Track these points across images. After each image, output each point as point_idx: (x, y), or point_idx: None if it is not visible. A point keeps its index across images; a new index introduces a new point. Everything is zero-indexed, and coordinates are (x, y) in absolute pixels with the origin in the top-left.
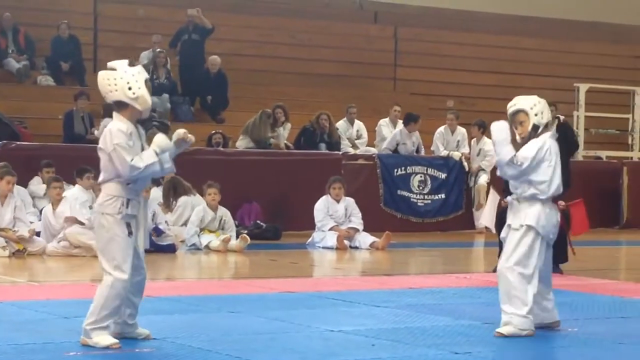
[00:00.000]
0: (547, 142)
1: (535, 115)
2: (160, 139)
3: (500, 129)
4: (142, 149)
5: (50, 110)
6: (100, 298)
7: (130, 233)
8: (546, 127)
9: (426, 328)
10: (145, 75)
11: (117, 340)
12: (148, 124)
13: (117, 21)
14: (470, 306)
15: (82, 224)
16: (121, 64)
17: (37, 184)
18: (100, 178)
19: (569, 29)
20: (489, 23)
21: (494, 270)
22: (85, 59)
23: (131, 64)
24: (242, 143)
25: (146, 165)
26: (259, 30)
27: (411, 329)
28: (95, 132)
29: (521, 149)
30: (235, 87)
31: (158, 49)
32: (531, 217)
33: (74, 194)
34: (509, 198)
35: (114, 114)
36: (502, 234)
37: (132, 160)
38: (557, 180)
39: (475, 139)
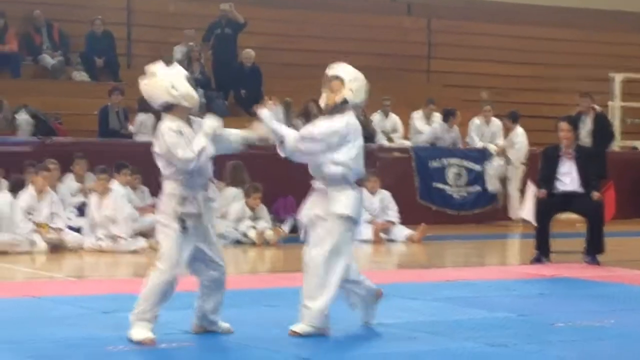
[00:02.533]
0: (351, 122)
1: (351, 90)
2: (209, 121)
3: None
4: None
5: (85, 105)
6: (145, 290)
7: (184, 229)
8: (348, 109)
9: (463, 321)
10: (184, 72)
11: (152, 336)
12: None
13: (150, 16)
14: (506, 298)
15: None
16: (159, 68)
17: (70, 181)
18: (163, 174)
19: (603, 19)
20: (522, 14)
21: (531, 262)
22: (119, 54)
23: (167, 64)
24: None
25: (198, 151)
26: (291, 24)
27: (448, 322)
28: (130, 127)
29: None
30: (268, 80)
31: (191, 44)
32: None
33: (115, 188)
34: (315, 184)
35: (164, 115)
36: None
37: (181, 154)
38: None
39: (507, 130)
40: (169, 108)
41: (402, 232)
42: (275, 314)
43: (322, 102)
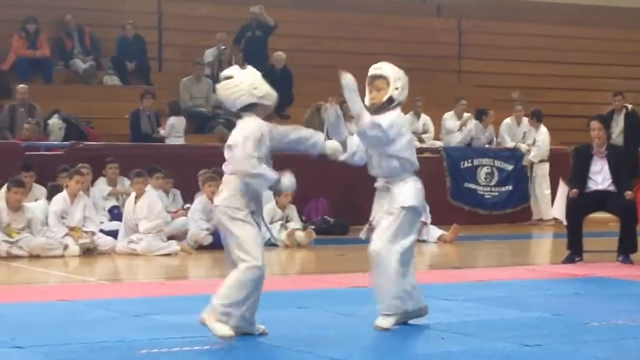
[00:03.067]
0: (401, 116)
1: (396, 88)
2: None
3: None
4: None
5: (116, 110)
6: (230, 286)
7: (257, 225)
8: (396, 106)
9: (495, 321)
10: (258, 72)
11: (232, 333)
12: (214, 122)
13: (181, 20)
14: (538, 298)
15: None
16: (235, 71)
17: (102, 185)
18: (226, 172)
19: (633, 17)
20: (552, 13)
21: (564, 262)
22: (150, 58)
23: (242, 67)
24: None
25: (261, 172)
26: (321, 26)
27: (480, 322)
28: (161, 131)
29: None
30: (299, 82)
31: (222, 47)
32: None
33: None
34: (377, 184)
35: (246, 116)
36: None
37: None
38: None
39: (533, 129)
40: (251, 108)
41: (434, 232)
42: (307, 315)
43: (368, 101)
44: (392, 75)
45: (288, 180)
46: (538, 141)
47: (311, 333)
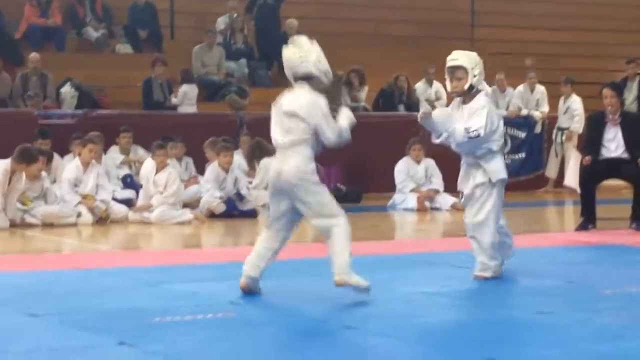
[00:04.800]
0: (489, 104)
1: (474, 76)
2: (347, 110)
3: (439, 113)
4: None
5: (129, 78)
6: (339, 247)
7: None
8: (478, 91)
9: (509, 288)
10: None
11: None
12: (226, 90)
13: None
14: (552, 266)
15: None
16: (304, 40)
17: (115, 153)
18: (287, 140)
19: None
20: None
21: (577, 229)
22: (162, 25)
23: (311, 41)
24: None
25: (344, 130)
26: None
27: (494, 290)
28: (174, 99)
29: (469, 121)
30: None
31: (234, 14)
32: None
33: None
34: (467, 159)
35: (301, 84)
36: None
37: (334, 128)
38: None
39: (563, 96)
40: (309, 78)
41: (446, 200)
42: (321, 283)
43: (449, 89)
44: (469, 64)
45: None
46: (576, 110)
47: (325, 301)
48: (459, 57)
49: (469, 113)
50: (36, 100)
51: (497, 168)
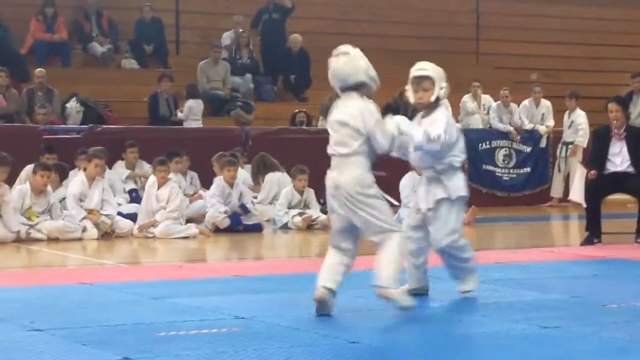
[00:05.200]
0: (449, 116)
1: (441, 88)
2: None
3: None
4: None
5: (134, 93)
6: (392, 259)
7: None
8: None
9: (514, 303)
10: None
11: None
12: (232, 105)
13: (198, 2)
14: (557, 280)
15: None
16: (351, 48)
17: (120, 168)
18: (342, 151)
19: None
20: None
21: (582, 244)
22: (168, 40)
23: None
24: (321, 124)
25: (393, 137)
26: (339, 8)
27: (499, 304)
28: (179, 114)
29: (428, 128)
30: (318, 65)
31: (240, 30)
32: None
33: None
34: (426, 174)
35: (349, 94)
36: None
37: (388, 135)
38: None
39: (568, 111)
40: (360, 87)
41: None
42: None
43: (413, 100)
44: (436, 75)
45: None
46: (581, 124)
47: (329, 315)
48: (427, 68)
49: (429, 124)
50: (47, 110)
51: (458, 185)
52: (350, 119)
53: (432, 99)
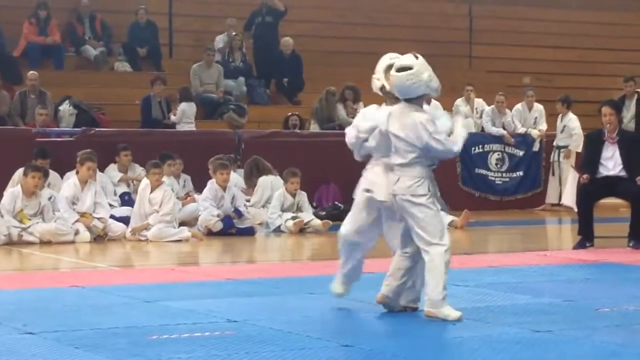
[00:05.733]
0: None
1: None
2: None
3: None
4: None
5: (127, 96)
6: (438, 274)
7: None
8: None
9: (506, 306)
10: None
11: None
12: (225, 108)
13: (192, 5)
14: (550, 284)
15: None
16: (413, 60)
17: (113, 171)
18: (397, 161)
19: None
20: None
21: (575, 247)
22: (161, 44)
23: (415, 56)
24: (313, 127)
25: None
26: (333, 11)
27: (491, 308)
28: (172, 117)
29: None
30: (311, 68)
31: (233, 33)
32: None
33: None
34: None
35: (412, 105)
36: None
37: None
38: None
39: (560, 115)
40: (421, 98)
41: (444, 218)
42: (317, 301)
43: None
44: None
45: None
46: (574, 129)
47: (322, 319)
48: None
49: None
50: (46, 112)
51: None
52: (404, 134)
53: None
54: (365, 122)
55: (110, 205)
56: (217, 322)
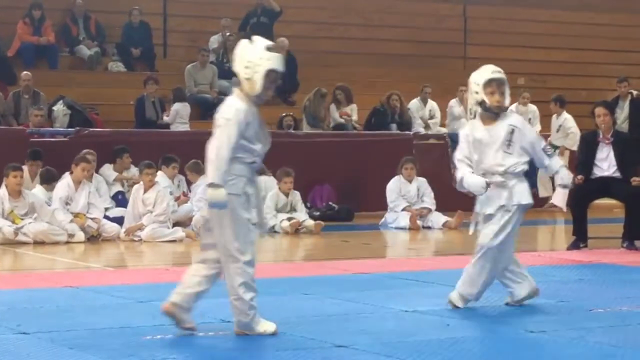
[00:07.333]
0: None
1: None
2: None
3: None
4: None
5: (121, 96)
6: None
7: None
8: None
9: (500, 307)
10: None
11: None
12: (219, 109)
13: (186, 5)
14: (543, 284)
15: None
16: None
17: (109, 170)
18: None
19: (638, 3)
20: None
21: (569, 248)
22: (155, 44)
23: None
24: (305, 126)
25: None
26: (328, 12)
27: (486, 309)
28: (166, 118)
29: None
30: (306, 69)
31: (227, 33)
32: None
33: (160, 181)
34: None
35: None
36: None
37: None
38: None
39: (554, 115)
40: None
41: (438, 219)
42: (312, 301)
43: (491, 102)
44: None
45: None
46: (570, 128)
47: (316, 320)
48: (502, 72)
49: (508, 132)
50: (42, 112)
51: (524, 191)
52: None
53: (507, 104)
54: None
55: (106, 208)
56: (211, 323)
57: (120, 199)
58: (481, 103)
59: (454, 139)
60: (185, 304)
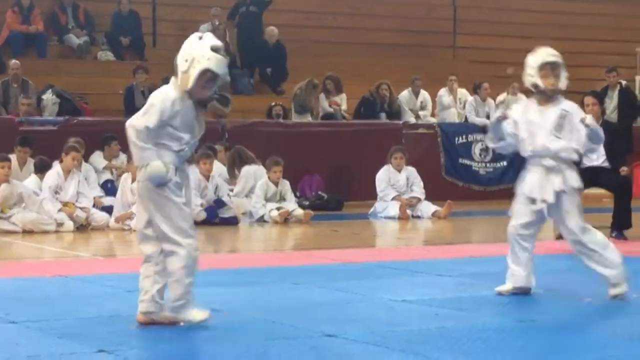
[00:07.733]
0: None
1: (565, 77)
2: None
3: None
4: None
5: (110, 85)
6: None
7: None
8: None
9: (490, 296)
10: None
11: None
12: (208, 97)
13: None
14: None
15: None
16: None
17: (99, 157)
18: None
19: None
20: None
21: (557, 238)
22: (145, 33)
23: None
24: (294, 116)
25: None
26: (318, 1)
27: (475, 298)
28: None
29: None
30: (295, 58)
31: (217, 22)
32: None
33: None
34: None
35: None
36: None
37: None
38: None
39: None
40: None
41: (428, 208)
42: (301, 291)
43: (545, 85)
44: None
45: None
46: None
47: (305, 309)
48: (558, 55)
49: (559, 116)
50: (30, 101)
51: (575, 175)
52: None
53: (563, 86)
54: None
55: (100, 196)
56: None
57: (109, 187)
58: (535, 86)
59: (443, 129)
60: (153, 307)
